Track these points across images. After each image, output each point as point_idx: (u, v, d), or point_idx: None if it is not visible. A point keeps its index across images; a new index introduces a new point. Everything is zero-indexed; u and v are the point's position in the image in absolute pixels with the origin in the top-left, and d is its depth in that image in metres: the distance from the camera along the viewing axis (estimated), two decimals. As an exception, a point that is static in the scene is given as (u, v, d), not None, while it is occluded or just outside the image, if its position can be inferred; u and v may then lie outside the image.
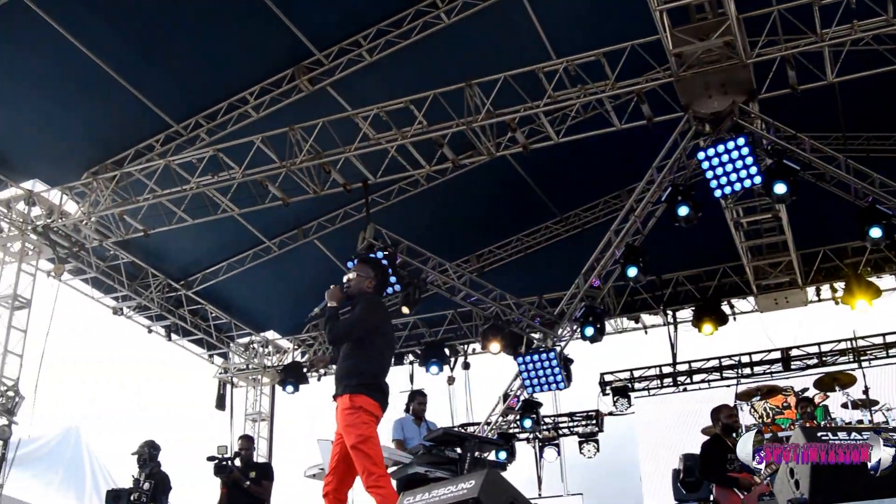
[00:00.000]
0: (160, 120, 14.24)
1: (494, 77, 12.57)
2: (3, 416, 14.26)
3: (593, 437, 19.88)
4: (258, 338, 20.18)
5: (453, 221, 16.90)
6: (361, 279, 7.25)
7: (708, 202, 12.67)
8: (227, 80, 13.89)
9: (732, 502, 9.84)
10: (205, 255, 17.42)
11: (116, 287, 17.14)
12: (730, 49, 11.33)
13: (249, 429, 20.00)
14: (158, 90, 13.86)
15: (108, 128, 14.42)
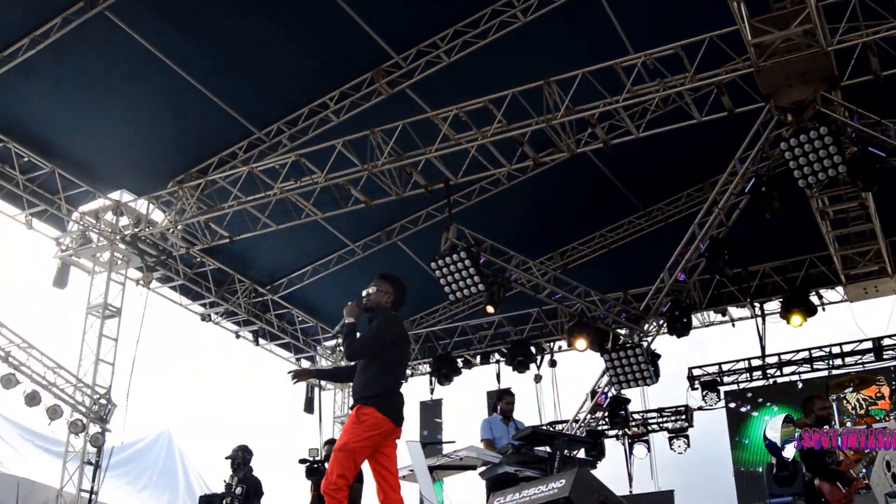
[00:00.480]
0: (243, 127, 14.51)
1: (573, 74, 12.53)
2: (96, 424, 14.60)
3: (683, 433, 19.68)
4: (344, 340, 20.36)
5: (535, 219, 16.91)
6: (380, 294, 7.29)
7: (792, 192, 12.50)
8: (308, 86, 14.10)
9: (836, 496, 9.70)
10: (290, 260, 17.68)
11: (204, 294, 17.50)
12: (810, 37, 11.14)
13: (338, 431, 20.20)
14: (240, 99, 14.12)
15: (191, 137, 14.75)
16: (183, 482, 18.94)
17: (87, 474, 14.32)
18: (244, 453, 12.33)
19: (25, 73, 13.05)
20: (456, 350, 19.19)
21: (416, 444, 9.04)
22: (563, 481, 5.67)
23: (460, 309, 19.27)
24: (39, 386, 14.26)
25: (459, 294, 14.30)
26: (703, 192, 16.20)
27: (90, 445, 14.51)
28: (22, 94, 13.62)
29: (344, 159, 13.74)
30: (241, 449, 12.36)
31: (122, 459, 17.07)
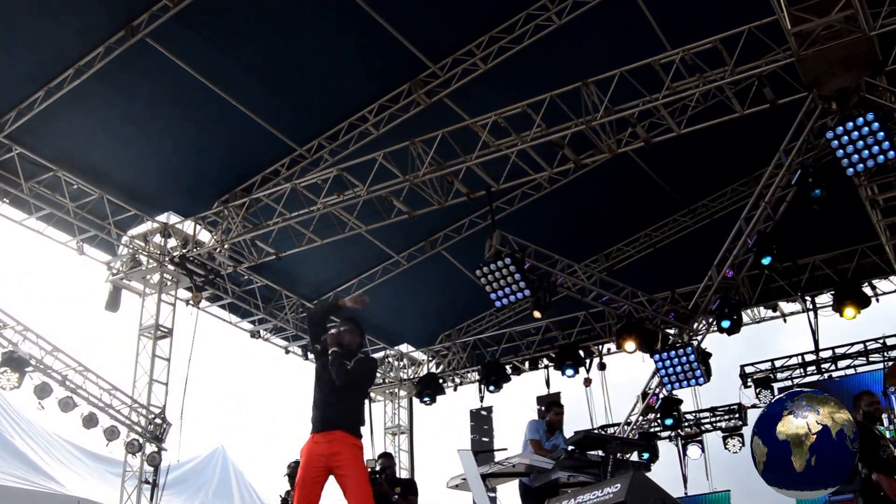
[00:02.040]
0: (284, 145, 14.60)
1: (610, 74, 12.46)
2: (152, 444, 14.76)
3: (737, 432, 19.49)
4: (392, 352, 20.42)
5: (579, 222, 16.83)
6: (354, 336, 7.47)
7: (840, 181, 12.32)
8: (346, 100, 14.16)
9: (894, 490, 9.53)
10: (335, 274, 17.74)
11: (252, 311, 17.61)
12: (851, 23, 10.97)
13: (389, 442, 20.23)
14: (281, 116, 14.22)
15: (235, 156, 14.87)
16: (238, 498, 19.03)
17: (146, 493, 14.52)
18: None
19: (72, 103, 13.28)
20: (504, 357, 19.14)
21: (468, 453, 9.01)
22: (618, 485, 5.61)
23: (507, 315, 19.24)
24: (96, 408, 14.47)
25: (506, 300, 14.27)
26: (748, 187, 16.01)
27: (147, 465, 14.73)
28: (69, 123, 13.84)
29: (385, 171, 13.76)
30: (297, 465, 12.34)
31: (178, 477, 17.22)
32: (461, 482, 9.31)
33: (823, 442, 11.89)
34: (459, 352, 19.69)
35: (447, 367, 19.95)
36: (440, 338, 19.94)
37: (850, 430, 11.27)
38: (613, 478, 7.03)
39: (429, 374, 19.31)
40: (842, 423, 11.73)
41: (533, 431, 10.84)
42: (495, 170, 13.75)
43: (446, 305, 19.08)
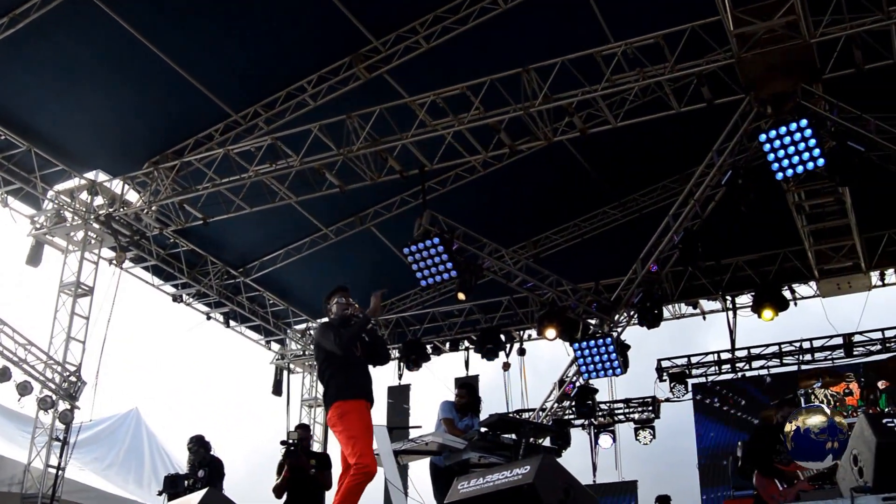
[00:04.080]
0: (219, 109, 14.38)
1: (552, 62, 12.48)
2: (65, 401, 14.58)
3: (649, 424, 19.80)
4: (315, 324, 20.30)
5: (510, 207, 16.87)
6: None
7: (770, 185, 12.50)
8: (285, 69, 13.98)
9: (770, 492, 9.88)
10: (263, 243, 17.57)
11: (176, 275, 17.37)
12: (792, 29, 11.11)
13: (306, 414, 20.15)
14: (218, 80, 14.00)
15: (168, 119, 14.64)
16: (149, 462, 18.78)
17: (55, 451, 14.31)
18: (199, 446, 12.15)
19: (5, 52, 12.94)
20: (426, 336, 19.16)
21: (383, 428, 8.98)
22: (527, 467, 5.63)
23: (431, 295, 19.22)
24: (10, 362, 14.22)
25: (431, 280, 14.27)
26: (679, 184, 16.14)
27: (59, 422, 14.53)
28: (1, 72, 13.45)
29: (320, 143, 13.65)
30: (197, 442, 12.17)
31: (89, 437, 16.95)
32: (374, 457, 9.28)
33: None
34: (381, 329, 19.65)
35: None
36: (362, 314, 19.86)
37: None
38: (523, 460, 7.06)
39: (349, 350, 19.21)
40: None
41: (446, 411, 10.85)
42: (430, 149, 13.72)
43: (372, 282, 18.91)
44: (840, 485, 6.20)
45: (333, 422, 7.39)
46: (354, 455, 7.09)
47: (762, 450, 10.16)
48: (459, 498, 5.94)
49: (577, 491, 5.68)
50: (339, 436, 7.33)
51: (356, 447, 7.12)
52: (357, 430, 7.27)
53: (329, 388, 7.55)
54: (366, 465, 7.03)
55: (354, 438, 7.20)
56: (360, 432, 7.26)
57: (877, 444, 5.21)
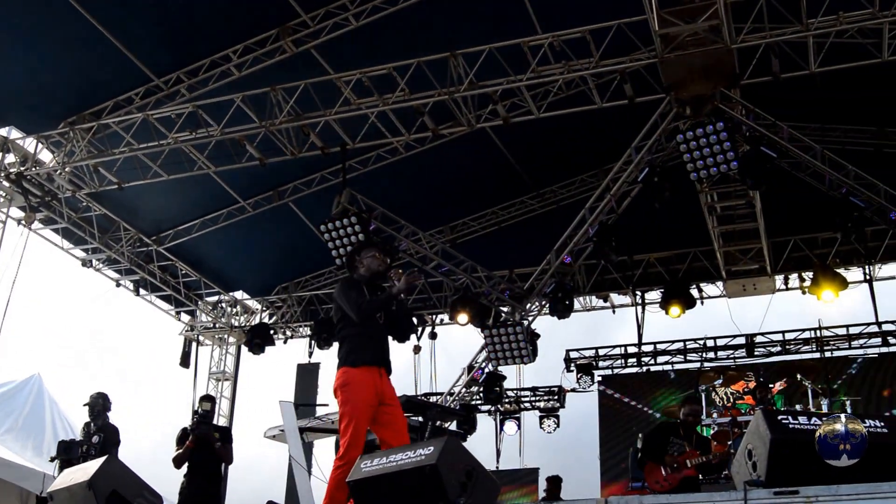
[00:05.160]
0: (141, 73, 14.11)
1: (479, 48, 12.54)
2: (-34, 363, 14.22)
3: (554, 413, 20.06)
4: (227, 297, 20.14)
5: (429, 191, 16.90)
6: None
7: (684, 185, 12.75)
8: (212, 36, 13.75)
9: (654, 477, 10.22)
10: (178, 212, 17.33)
11: (87, 239, 17.05)
12: (715, 33, 11.35)
13: (213, 388, 19.97)
14: (141, 43, 13.71)
15: (87, 78, 14.27)
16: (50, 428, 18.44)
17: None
18: (104, 400, 12.02)
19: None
20: (338, 315, 19.08)
21: (289, 405, 9.01)
22: (431, 449, 5.68)
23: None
24: None
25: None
26: (597, 178, 16.34)
27: (-46, 384, 14.14)
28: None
29: (242, 114, 13.52)
30: (100, 396, 12.01)
31: (-11, 401, 16.61)
32: (279, 433, 9.29)
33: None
34: (294, 305, 19.59)
35: (280, 318, 19.84)
36: (277, 289, 19.77)
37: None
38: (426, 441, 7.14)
39: (261, 324, 19.13)
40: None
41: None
42: (353, 128, 13.69)
43: (287, 257, 18.91)
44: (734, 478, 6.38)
45: (335, 389, 6.91)
46: (343, 441, 6.64)
47: (658, 442, 10.47)
48: (361, 476, 5.97)
49: (480, 474, 5.75)
50: (339, 406, 6.88)
51: (346, 432, 6.65)
52: (354, 409, 6.74)
53: (340, 349, 7.09)
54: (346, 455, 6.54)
55: (348, 420, 6.70)
56: (358, 413, 6.74)
57: (771, 440, 5.38)
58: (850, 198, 12.55)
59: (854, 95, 14.42)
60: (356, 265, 7.55)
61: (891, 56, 11.61)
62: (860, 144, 15.40)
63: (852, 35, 11.77)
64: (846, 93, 14.25)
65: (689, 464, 10.07)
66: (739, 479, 5.92)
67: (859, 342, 18.06)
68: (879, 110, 14.87)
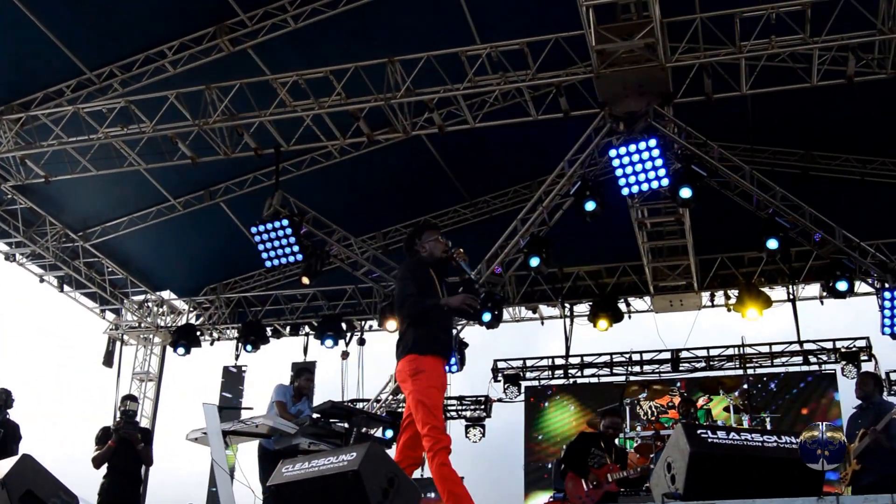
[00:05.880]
0: (73, 65, 13.87)
1: (417, 56, 12.56)
2: None
3: (480, 422, 20.06)
4: (153, 296, 19.86)
5: (363, 197, 16.85)
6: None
7: (615, 200, 12.88)
8: (147, 31, 13.56)
9: (577, 492, 10.35)
10: (106, 208, 17.06)
11: (11, 232, 16.71)
12: (650, 51, 11.52)
13: (136, 388, 19.68)
14: (74, 35, 13.47)
15: (17, 68, 14.00)
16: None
17: None
18: (6, 396, 11.78)
19: None
20: (266, 318, 18.98)
21: (213, 407, 8.88)
22: (353, 454, 5.67)
23: (276, 277, 19.09)
24: None
25: (277, 262, 14.23)
26: (530, 190, 16.46)
27: None
28: None
29: (175, 111, 13.38)
30: (3, 392, 11.80)
31: None
32: (201, 436, 9.17)
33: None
34: (222, 307, 19.39)
35: (207, 320, 19.63)
36: (205, 290, 19.56)
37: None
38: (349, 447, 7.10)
39: (187, 325, 18.94)
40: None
41: (280, 395, 10.83)
42: (288, 130, 13.64)
43: (216, 258, 18.72)
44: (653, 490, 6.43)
45: (404, 377, 6.61)
46: (425, 426, 6.39)
47: (579, 453, 10.57)
48: (283, 481, 5.93)
49: (402, 481, 5.75)
50: (409, 396, 6.57)
51: (428, 417, 6.41)
52: (430, 396, 6.50)
53: (405, 335, 6.74)
54: (439, 441, 6.36)
55: (426, 407, 6.44)
56: (434, 399, 6.52)
57: (690, 454, 5.44)
58: (777, 218, 12.79)
59: (784, 118, 14.70)
60: (416, 249, 7.16)
61: (820, 81, 11.90)
62: (788, 166, 15.71)
63: (784, 59, 12.08)
64: (776, 116, 14.53)
65: (609, 478, 10.18)
66: (658, 492, 5.98)
67: (781, 360, 18.37)
68: (807, 134, 15.19)
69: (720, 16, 11.63)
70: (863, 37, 11.43)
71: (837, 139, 15.26)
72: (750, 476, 5.54)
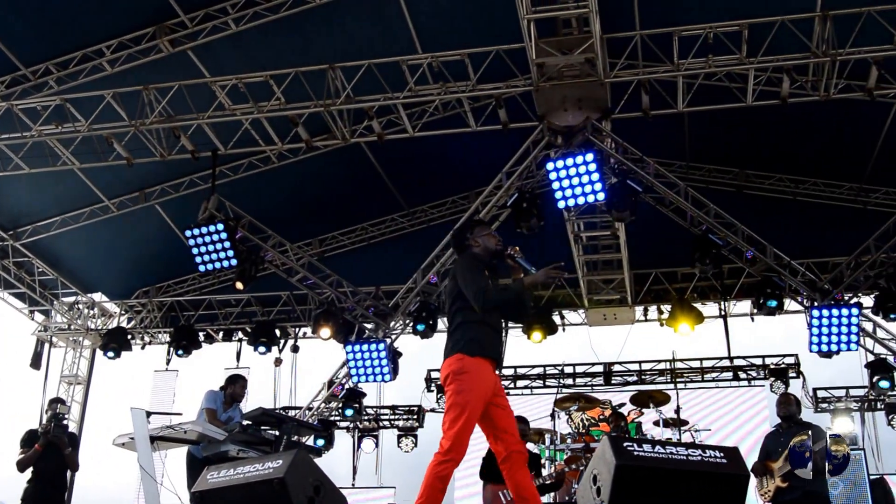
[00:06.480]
0: (8, 61, 13.59)
1: (358, 63, 12.54)
2: None
3: (412, 432, 20.06)
4: (84, 298, 19.56)
5: (300, 203, 16.77)
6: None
7: (552, 213, 12.96)
8: (86, 29, 13.34)
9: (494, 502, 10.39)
10: (38, 207, 16.74)
11: (-63, 228, 16.37)
12: (590, 66, 11.63)
13: (64, 391, 19.36)
14: (10, 30, 13.20)
15: (-52, 62, 13.74)
16: None
17: None
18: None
19: None
20: (199, 323, 18.80)
21: (141, 412, 8.77)
22: (280, 462, 5.64)
23: (210, 282, 18.91)
24: None
25: (210, 266, 14.08)
26: (468, 201, 16.53)
27: None
28: None
29: (111, 111, 13.19)
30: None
31: None
32: (128, 441, 9.05)
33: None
34: (155, 310, 19.16)
35: (139, 323, 19.37)
36: (137, 293, 19.32)
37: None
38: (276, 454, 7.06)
39: (118, 328, 18.68)
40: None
41: (210, 401, 10.72)
42: (226, 133, 13.54)
43: (150, 261, 18.48)
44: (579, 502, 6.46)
45: (448, 374, 6.20)
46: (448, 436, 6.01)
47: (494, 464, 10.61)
48: (208, 487, 5.88)
49: (328, 489, 5.73)
50: (448, 396, 6.15)
51: (454, 425, 6.00)
52: (468, 401, 6.05)
53: (454, 333, 6.34)
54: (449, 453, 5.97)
55: (459, 412, 6.03)
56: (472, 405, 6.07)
57: (615, 466, 5.47)
58: (710, 235, 12.95)
59: (719, 137, 14.93)
60: (468, 245, 6.79)
61: (755, 101, 12.10)
62: (723, 184, 15.94)
63: (720, 78, 12.26)
64: (712, 134, 14.75)
65: None
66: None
67: (712, 375, 18.61)
68: (743, 153, 15.43)
69: (659, 33, 11.78)
70: (798, 59, 11.64)
71: (772, 159, 15.54)
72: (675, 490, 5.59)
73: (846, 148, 14.91)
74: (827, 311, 13.77)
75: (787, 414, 10.18)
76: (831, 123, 14.06)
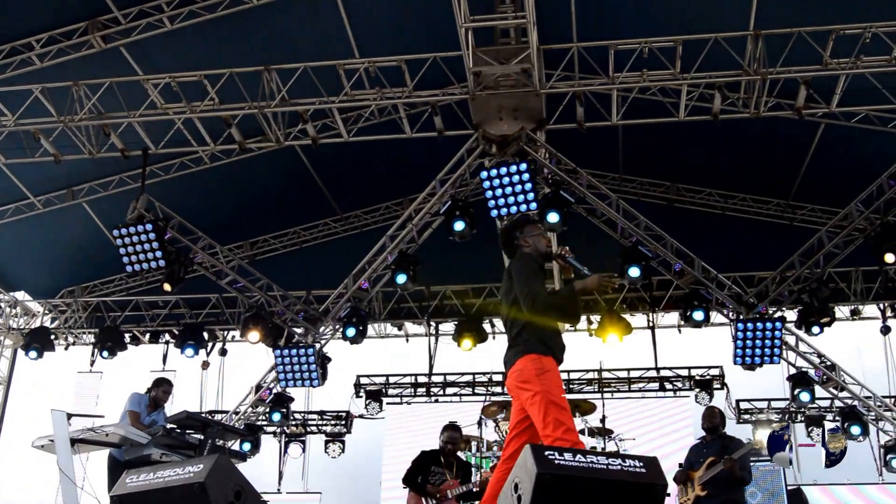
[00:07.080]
0: (-68, 51, 13.34)
1: (294, 66, 12.48)
2: None
3: (340, 438, 19.96)
4: (6, 297, 19.17)
5: (232, 205, 16.61)
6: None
7: (485, 221, 12.98)
8: (15, 21, 13.06)
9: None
10: (-40, 204, 16.40)
11: None
12: (526, 76, 11.69)
13: (-7, 392, 18.96)
14: (-65, 18, 12.97)
15: None
16: None
17: None
18: None
19: None
20: (126, 324, 18.50)
21: (62, 414, 8.62)
22: (200, 466, 5.56)
23: (137, 283, 18.64)
24: None
25: (138, 267, 13.84)
26: (401, 207, 16.51)
27: None
28: None
29: (40, 106, 12.95)
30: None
31: None
32: (48, 443, 8.88)
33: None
34: (80, 310, 18.83)
35: (63, 323, 19.02)
36: (62, 292, 18.97)
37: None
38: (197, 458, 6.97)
39: (41, 328, 18.32)
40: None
41: (134, 404, 10.56)
42: (157, 133, 13.38)
43: (76, 260, 18.15)
44: (501, 511, 6.45)
45: (527, 377, 6.01)
46: (559, 428, 5.77)
47: (418, 471, 10.66)
48: (127, 491, 5.76)
49: (249, 494, 5.66)
50: (534, 396, 5.92)
51: (563, 416, 5.84)
52: (559, 396, 5.91)
53: (521, 334, 6.17)
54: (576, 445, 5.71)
55: (558, 407, 5.87)
56: (563, 400, 5.92)
57: (536, 475, 5.46)
58: (639, 247, 13.07)
59: (652, 151, 15.09)
60: (518, 244, 6.55)
61: (687, 116, 12.27)
62: (655, 197, 16.13)
63: (654, 93, 12.41)
64: (645, 148, 14.90)
65: (449, 494, 10.27)
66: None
67: (639, 385, 18.78)
68: (674, 167, 15.62)
69: (596, 46, 11.90)
70: (730, 76, 11.82)
71: (702, 174, 15.77)
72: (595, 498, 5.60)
73: (775, 165, 15.19)
74: (751, 324, 13.98)
75: (711, 426, 10.45)
76: (761, 140, 14.30)
